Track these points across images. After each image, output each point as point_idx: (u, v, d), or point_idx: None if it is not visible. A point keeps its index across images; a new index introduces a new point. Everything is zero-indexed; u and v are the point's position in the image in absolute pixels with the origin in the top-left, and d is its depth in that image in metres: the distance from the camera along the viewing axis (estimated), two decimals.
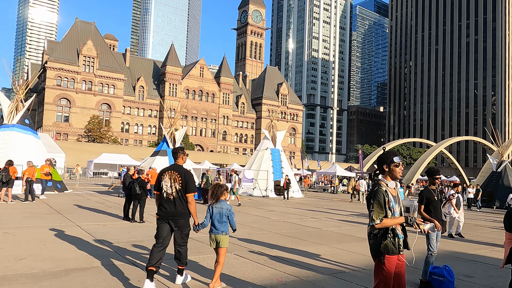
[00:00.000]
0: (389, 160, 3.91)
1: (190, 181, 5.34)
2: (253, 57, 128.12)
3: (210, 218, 5.21)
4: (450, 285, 5.74)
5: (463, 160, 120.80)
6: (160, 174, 5.47)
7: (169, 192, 5.31)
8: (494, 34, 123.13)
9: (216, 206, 5.23)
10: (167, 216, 5.30)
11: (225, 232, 5.18)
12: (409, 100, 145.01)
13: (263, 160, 26.37)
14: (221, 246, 5.18)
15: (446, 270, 5.77)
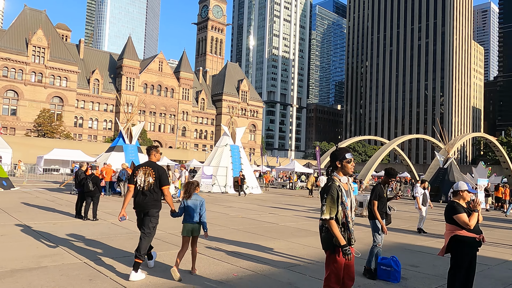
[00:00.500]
0: (341, 157, 4.05)
1: (163, 175, 5.83)
2: (214, 52, 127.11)
3: (183, 210, 5.79)
4: (397, 275, 6.06)
5: (414, 157, 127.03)
6: (135, 169, 5.88)
7: (142, 186, 5.76)
8: (443, 38, 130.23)
9: (191, 199, 5.81)
10: (139, 208, 5.79)
11: (197, 221, 5.75)
12: (365, 99, 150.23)
13: (222, 156, 26.30)
14: (194, 234, 5.78)
15: (393, 260, 6.08)
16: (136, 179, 5.78)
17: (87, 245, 7.71)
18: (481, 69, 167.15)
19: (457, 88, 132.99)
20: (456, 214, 4.87)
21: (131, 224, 10.71)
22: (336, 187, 3.93)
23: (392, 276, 6.05)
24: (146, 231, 5.63)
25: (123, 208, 5.75)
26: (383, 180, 6.85)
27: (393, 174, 6.77)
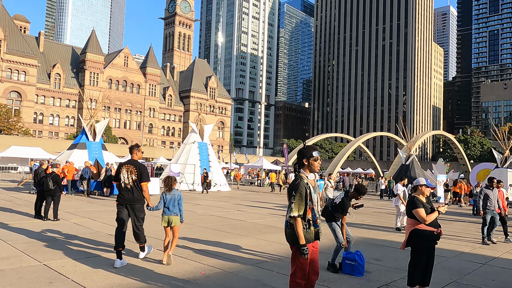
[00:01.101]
0: (308, 155, 4.10)
1: (144, 172, 6.41)
2: (182, 48, 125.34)
3: (164, 203, 6.35)
4: (361, 269, 6.23)
5: (378, 154, 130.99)
6: (119, 167, 6.45)
7: (126, 182, 6.32)
8: (406, 39, 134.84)
9: (170, 193, 6.41)
10: (125, 202, 6.31)
11: (176, 213, 6.37)
12: (332, 97, 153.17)
13: (190, 153, 26.03)
14: (174, 225, 6.37)
15: (358, 255, 6.24)
16: (120, 176, 6.35)
17: (47, 246, 7.40)
18: (440, 70, 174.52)
19: (419, 88, 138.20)
20: (415, 208, 5.07)
21: (94, 223, 10.39)
22: (304, 184, 3.98)
23: (356, 270, 6.22)
24: (138, 224, 6.37)
25: None
26: (351, 195, 6.91)
27: (363, 192, 6.90)
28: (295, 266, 3.98)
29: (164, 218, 6.36)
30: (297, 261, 3.96)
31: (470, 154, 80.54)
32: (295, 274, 3.97)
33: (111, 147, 46.66)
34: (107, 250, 7.15)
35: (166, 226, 6.38)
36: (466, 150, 78.84)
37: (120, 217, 6.30)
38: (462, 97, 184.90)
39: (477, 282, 6.34)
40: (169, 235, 6.40)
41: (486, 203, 10.24)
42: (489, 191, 10.34)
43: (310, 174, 4.11)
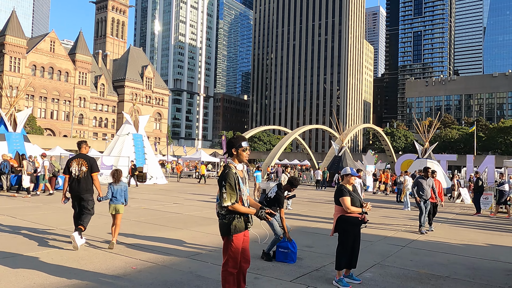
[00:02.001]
0: (238, 144, 4.10)
1: (94, 164, 7.21)
2: (115, 35, 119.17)
3: (111, 193, 7.07)
4: (293, 256, 6.44)
5: (313, 145, 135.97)
6: (69, 161, 7.15)
7: (77, 174, 7.00)
8: (340, 35, 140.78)
9: (117, 184, 7.15)
10: (76, 192, 7.01)
11: (122, 202, 7.17)
12: (270, 90, 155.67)
13: (124, 146, 24.97)
14: (119, 212, 7.14)
15: (290, 243, 6.44)
16: (71, 170, 7.03)
17: None
18: (371, 67, 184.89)
19: (351, 83, 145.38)
20: (342, 197, 5.36)
21: (13, 220, 9.57)
22: (233, 174, 4.00)
23: (289, 257, 6.41)
24: (87, 212, 7.07)
25: (64, 194, 7.18)
26: (284, 188, 7.12)
27: (295, 185, 7.28)
28: (226, 256, 4.01)
29: (111, 206, 7.11)
30: (228, 251, 3.99)
31: (396, 146, 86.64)
32: (227, 263, 4.01)
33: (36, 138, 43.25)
34: (28, 249, 6.64)
35: (113, 214, 7.12)
36: (392, 142, 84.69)
37: (74, 204, 7.14)
38: (390, 93, 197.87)
39: (398, 263, 6.87)
40: (115, 221, 7.19)
41: (419, 192, 10.27)
42: (423, 180, 10.32)
43: (239, 164, 4.13)
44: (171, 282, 5.19)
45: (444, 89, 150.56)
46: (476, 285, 5.75)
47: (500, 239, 9.94)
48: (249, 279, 5.37)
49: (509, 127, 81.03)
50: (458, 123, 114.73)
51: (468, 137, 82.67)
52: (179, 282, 5.21)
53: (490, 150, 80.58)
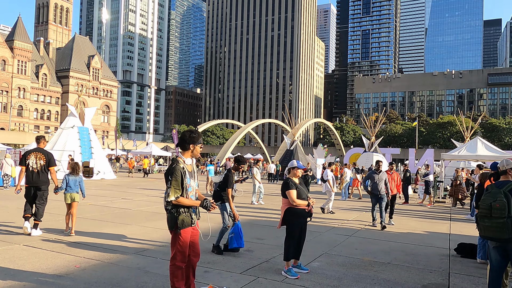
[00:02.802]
0: (198, 141, 4.11)
1: (52, 158, 7.68)
2: (59, 22, 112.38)
3: (66, 184, 7.69)
4: (241, 241, 6.54)
5: (266, 140, 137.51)
6: (26, 154, 7.49)
7: (34, 167, 7.44)
8: (292, 31, 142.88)
9: (73, 176, 7.81)
10: (33, 184, 7.45)
11: (77, 191, 7.78)
12: (224, 84, 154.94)
13: (68, 139, 23.71)
14: (75, 200, 7.73)
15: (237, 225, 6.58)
16: (28, 162, 7.42)
17: None
18: (322, 63, 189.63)
19: (303, 78, 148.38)
20: (288, 190, 5.48)
21: None
22: (180, 169, 3.97)
23: (237, 241, 6.49)
24: (41, 202, 7.54)
25: (18, 184, 7.63)
26: (233, 167, 7.17)
27: (243, 161, 7.22)
28: (175, 250, 3.98)
29: (67, 196, 7.69)
30: (176, 245, 3.96)
31: (345, 140, 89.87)
32: (175, 257, 3.98)
33: None
34: None
35: (68, 203, 7.68)
36: (342, 136, 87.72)
37: (27, 195, 7.52)
38: (340, 89, 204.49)
39: (344, 252, 7.16)
40: (69, 210, 7.73)
41: (369, 185, 9.96)
42: (375, 174, 9.99)
43: (188, 159, 4.12)
44: (117, 280, 5.03)
45: (390, 86, 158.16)
46: (414, 270, 6.14)
47: (436, 227, 10.67)
48: (199, 273, 5.35)
49: (446, 123, 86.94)
50: (402, 118, 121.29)
51: (410, 131, 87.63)
52: (125, 279, 5.06)
53: (430, 144, 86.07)
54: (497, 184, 4.46)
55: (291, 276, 5.39)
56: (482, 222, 4.31)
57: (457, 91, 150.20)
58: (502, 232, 4.09)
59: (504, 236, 4.10)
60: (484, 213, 4.30)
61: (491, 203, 4.25)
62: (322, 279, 5.44)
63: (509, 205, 4.13)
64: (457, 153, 19.49)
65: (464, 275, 5.97)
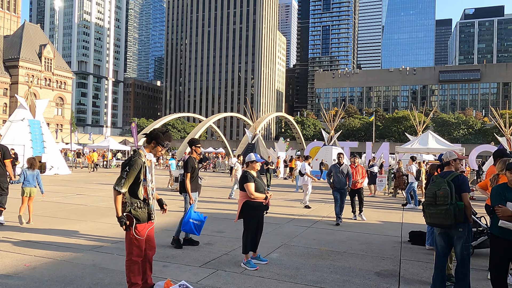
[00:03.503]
0: (161, 141, 4.09)
1: (7, 152, 8.05)
2: (6, 8, 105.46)
3: (24, 178, 8.04)
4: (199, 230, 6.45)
5: (228, 133, 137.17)
6: None
7: None
8: (254, 25, 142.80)
9: (31, 170, 8.15)
10: None
11: (35, 185, 8.13)
12: (185, 77, 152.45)
13: (18, 133, 22.42)
14: (32, 195, 8.14)
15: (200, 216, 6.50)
16: None
17: None
18: (283, 57, 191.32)
19: (265, 73, 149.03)
20: (246, 183, 5.52)
21: None
22: (141, 162, 3.92)
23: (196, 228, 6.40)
24: (2, 192, 7.91)
25: None
26: (190, 152, 7.09)
27: (197, 142, 7.07)
28: (131, 244, 3.90)
29: (25, 190, 8.00)
30: (132, 239, 3.89)
31: (305, 134, 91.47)
32: (131, 252, 3.92)
33: None
34: None
35: (26, 196, 8.01)
36: (302, 130, 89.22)
37: None
38: (301, 83, 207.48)
39: (302, 242, 7.32)
40: (25, 203, 8.07)
41: (329, 179, 9.65)
42: (335, 167, 9.62)
43: (149, 154, 4.06)
44: (70, 278, 4.85)
45: (349, 82, 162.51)
46: (368, 258, 6.40)
47: (390, 216, 11.16)
48: (157, 268, 5.28)
49: (401, 117, 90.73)
50: (360, 113, 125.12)
51: (368, 126, 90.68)
52: (79, 277, 4.90)
53: (386, 138, 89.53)
54: (441, 174, 4.74)
55: (250, 268, 5.44)
56: (428, 209, 4.59)
57: (411, 87, 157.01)
58: (445, 219, 4.38)
59: (447, 222, 4.39)
60: (430, 201, 4.58)
61: (435, 191, 4.53)
62: (280, 269, 5.54)
63: (452, 193, 4.41)
64: (410, 146, 20.47)
65: (414, 261, 6.30)
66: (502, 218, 4.12)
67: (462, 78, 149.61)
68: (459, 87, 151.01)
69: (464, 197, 4.49)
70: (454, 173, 4.65)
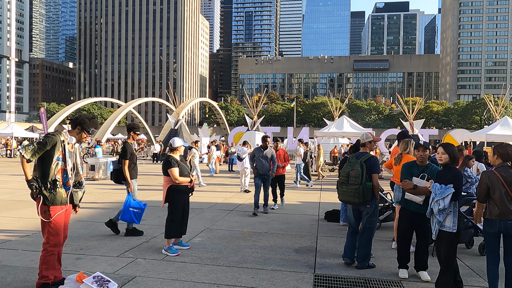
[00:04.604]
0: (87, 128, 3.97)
1: None
2: None
3: None
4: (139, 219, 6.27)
5: (150, 119, 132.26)
6: None
7: None
8: (175, 7, 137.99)
9: None
10: None
11: None
12: (101, 59, 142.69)
13: None
14: None
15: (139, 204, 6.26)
16: None
17: None
18: (207, 42, 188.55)
19: (188, 57, 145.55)
20: (170, 168, 5.40)
21: None
22: (59, 140, 3.75)
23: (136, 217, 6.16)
24: None
25: None
26: (128, 137, 6.75)
27: (136, 127, 6.76)
28: (47, 233, 3.70)
29: None
30: (47, 227, 3.62)
31: (229, 120, 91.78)
32: (47, 242, 3.72)
33: None
34: None
35: None
36: (226, 116, 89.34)
37: None
38: (225, 69, 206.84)
39: (225, 225, 7.38)
40: None
41: (252, 164, 8.92)
42: (258, 151, 8.81)
43: (72, 138, 3.83)
44: None
45: (271, 68, 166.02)
46: (288, 236, 6.68)
47: (309, 197, 11.75)
48: (70, 261, 4.96)
49: (320, 104, 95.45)
50: (282, 99, 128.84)
51: (289, 111, 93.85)
52: None
53: (306, 123, 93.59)
54: (356, 155, 5.09)
55: (172, 254, 5.35)
56: (341, 187, 4.94)
57: (329, 74, 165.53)
58: (354, 197, 4.77)
59: (355, 200, 4.78)
60: (343, 180, 4.93)
61: (349, 171, 4.88)
62: (203, 253, 5.52)
63: (363, 174, 4.78)
64: (327, 130, 21.66)
65: (329, 237, 6.72)
66: (406, 191, 4.57)
67: (373, 67, 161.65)
68: (371, 76, 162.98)
69: (374, 178, 4.89)
70: (368, 154, 5.02)
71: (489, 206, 3.90)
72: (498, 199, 3.83)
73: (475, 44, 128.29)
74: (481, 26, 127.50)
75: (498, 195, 3.82)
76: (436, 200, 4.01)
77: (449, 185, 4.06)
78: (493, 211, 3.85)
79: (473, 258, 5.61)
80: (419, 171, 4.63)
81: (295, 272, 4.82)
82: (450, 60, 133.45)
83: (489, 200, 3.90)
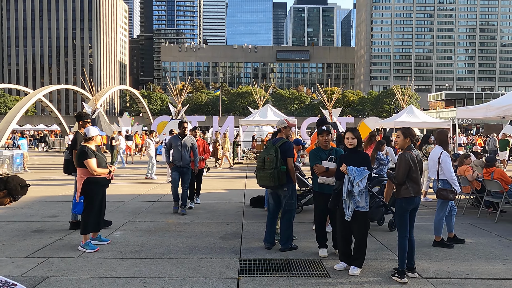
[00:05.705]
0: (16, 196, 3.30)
1: None
2: None
3: None
4: None
5: (63, 108, 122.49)
6: None
7: None
8: None
9: None
10: None
11: None
12: (3, 41, 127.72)
13: None
14: None
15: None
16: None
17: None
18: (126, 26, 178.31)
19: (105, 42, 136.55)
20: (87, 159, 5.03)
21: None
22: None
23: None
24: None
25: None
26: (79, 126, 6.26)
27: (86, 116, 6.30)
28: None
29: None
30: None
31: (152, 109, 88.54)
32: None
33: None
34: None
35: None
36: (149, 105, 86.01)
37: None
38: (146, 55, 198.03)
39: (148, 217, 7.12)
40: None
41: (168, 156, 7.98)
42: (175, 140, 7.57)
43: None
44: None
45: (195, 56, 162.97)
46: (214, 224, 6.66)
47: (234, 184, 11.84)
48: None
49: (244, 92, 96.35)
50: (207, 88, 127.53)
51: (214, 100, 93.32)
52: None
53: (231, 112, 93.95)
54: (273, 141, 5.21)
55: (90, 250, 5.02)
56: (258, 173, 5.07)
57: (253, 64, 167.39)
58: (270, 181, 4.92)
59: (271, 184, 4.93)
60: (260, 166, 5.06)
61: (264, 157, 5.00)
62: (124, 247, 5.27)
63: (277, 158, 4.92)
64: (252, 119, 21.97)
65: (254, 222, 6.85)
66: (319, 175, 4.81)
67: (295, 58, 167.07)
68: (293, 66, 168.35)
69: (289, 162, 5.05)
70: (283, 139, 5.17)
71: (410, 185, 4.25)
72: (416, 177, 4.26)
73: (385, 39, 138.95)
74: (390, 22, 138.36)
75: (416, 174, 4.25)
76: (356, 182, 4.26)
77: (363, 167, 4.34)
78: (415, 188, 4.24)
79: (384, 234, 6.12)
80: (326, 154, 4.92)
81: (221, 259, 4.82)
82: (364, 53, 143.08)
83: (408, 180, 4.26)
